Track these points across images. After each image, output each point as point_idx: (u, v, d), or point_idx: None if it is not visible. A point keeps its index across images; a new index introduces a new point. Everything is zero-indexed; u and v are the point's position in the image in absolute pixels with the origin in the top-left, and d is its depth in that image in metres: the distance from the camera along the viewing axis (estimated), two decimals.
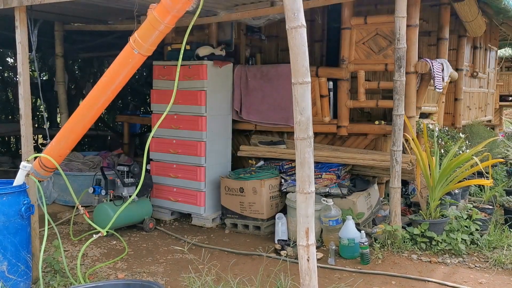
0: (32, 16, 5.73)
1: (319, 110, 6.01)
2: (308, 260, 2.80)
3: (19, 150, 10.04)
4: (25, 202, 3.73)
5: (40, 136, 10.83)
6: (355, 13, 5.86)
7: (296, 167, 2.86)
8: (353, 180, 5.89)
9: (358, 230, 4.83)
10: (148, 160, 6.24)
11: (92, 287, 3.19)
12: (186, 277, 4.03)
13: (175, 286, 4.12)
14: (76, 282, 3.97)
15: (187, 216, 6.23)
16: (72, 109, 7.71)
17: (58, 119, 10.25)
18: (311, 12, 6.96)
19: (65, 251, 4.67)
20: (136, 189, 4.98)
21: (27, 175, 3.81)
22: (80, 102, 10.09)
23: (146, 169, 4.00)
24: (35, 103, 10.44)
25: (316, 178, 5.52)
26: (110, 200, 5.61)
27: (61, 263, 4.21)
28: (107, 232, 4.06)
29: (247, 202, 5.64)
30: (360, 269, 4.50)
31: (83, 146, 10.44)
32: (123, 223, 5.59)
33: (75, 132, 3.68)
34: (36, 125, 9.82)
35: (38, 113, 10.57)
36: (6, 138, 10.82)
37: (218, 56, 6.17)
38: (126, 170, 5.74)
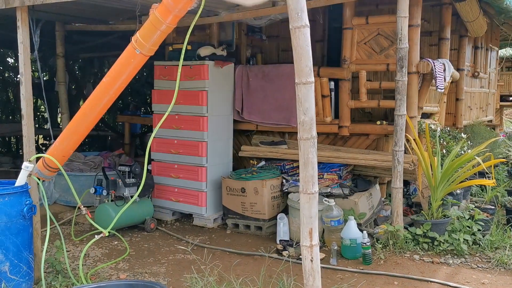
0: (34, 16, 5.76)
1: (320, 110, 6.00)
2: (311, 260, 2.79)
3: (20, 150, 10.06)
4: (27, 203, 3.73)
5: (41, 136, 10.82)
6: (356, 13, 5.85)
7: (299, 168, 2.85)
8: (354, 180, 5.89)
9: (360, 231, 4.83)
10: (149, 160, 6.22)
11: (95, 287, 3.19)
12: (188, 277, 4.02)
13: (178, 286, 4.11)
14: (78, 282, 3.96)
15: (189, 217, 6.22)
16: (72, 109, 7.75)
17: (58, 119, 10.24)
18: (312, 12, 6.94)
19: (66, 251, 4.65)
20: (137, 189, 4.99)
21: (29, 175, 3.81)
22: (81, 103, 10.10)
23: (147, 169, 3.99)
24: (35, 103, 10.44)
25: (318, 179, 5.47)
26: (112, 200, 5.60)
27: (63, 264, 4.20)
28: (108, 232, 4.06)
29: (248, 202, 5.63)
30: (362, 269, 4.49)
31: (84, 146, 10.43)
32: (124, 224, 5.58)
33: (78, 133, 3.67)
34: (37, 125, 9.82)
35: (38, 113, 10.57)
36: (7, 138, 10.81)
37: (220, 56, 6.16)
38: (127, 170, 5.73)
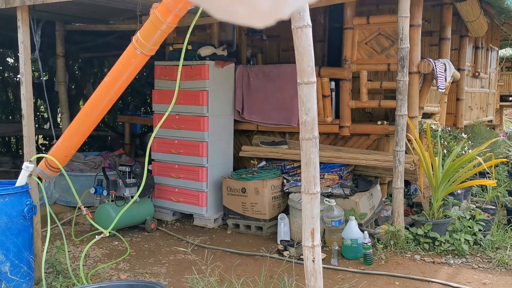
0: (34, 16, 5.74)
1: (321, 110, 5.99)
2: (313, 261, 2.79)
3: (20, 150, 10.06)
4: (27, 203, 3.71)
5: (41, 136, 10.82)
6: (357, 13, 5.84)
7: (301, 168, 2.85)
8: (355, 180, 5.88)
9: (361, 231, 4.82)
10: (150, 161, 6.21)
11: None
12: (189, 278, 4.01)
13: (178, 287, 4.10)
14: (78, 283, 3.95)
15: (189, 217, 6.21)
16: (72, 109, 7.74)
17: (58, 119, 10.23)
18: (313, 12, 6.92)
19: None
20: (138, 189, 4.97)
21: (30, 175, 3.80)
22: (81, 103, 10.09)
23: (147, 169, 3.98)
24: (35, 103, 10.42)
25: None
26: (112, 200, 5.59)
27: (63, 264, 4.18)
28: (109, 232, 4.05)
29: (249, 202, 5.62)
30: (363, 269, 4.48)
31: (84, 146, 10.42)
32: (124, 224, 5.57)
33: (80, 133, 3.67)
34: (36, 125, 9.81)
35: (38, 113, 10.56)
36: (7, 139, 10.80)
37: (220, 56, 6.15)
38: (127, 170, 5.72)
